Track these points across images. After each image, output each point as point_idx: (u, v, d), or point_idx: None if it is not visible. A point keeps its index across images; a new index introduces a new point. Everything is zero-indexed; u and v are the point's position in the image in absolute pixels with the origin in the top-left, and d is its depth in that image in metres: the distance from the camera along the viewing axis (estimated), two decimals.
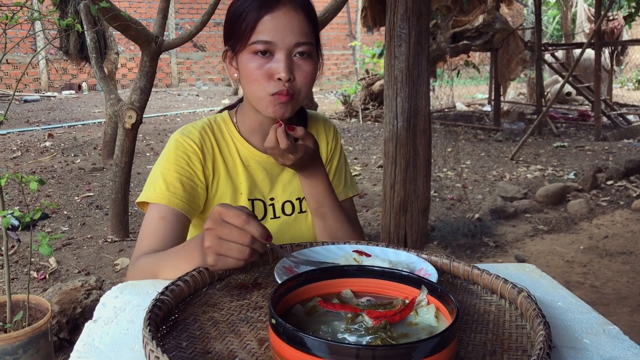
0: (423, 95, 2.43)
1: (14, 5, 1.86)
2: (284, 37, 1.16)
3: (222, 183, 1.31)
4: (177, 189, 1.22)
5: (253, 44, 1.17)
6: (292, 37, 1.17)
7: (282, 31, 1.16)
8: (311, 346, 0.64)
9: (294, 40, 1.17)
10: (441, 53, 8.60)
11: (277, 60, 1.17)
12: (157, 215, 1.19)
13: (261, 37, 1.16)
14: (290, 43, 1.17)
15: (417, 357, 0.64)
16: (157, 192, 1.21)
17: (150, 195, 1.22)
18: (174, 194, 1.21)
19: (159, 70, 15.29)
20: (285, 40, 1.16)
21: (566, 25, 15.54)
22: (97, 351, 0.80)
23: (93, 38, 3.95)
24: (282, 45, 1.16)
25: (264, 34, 1.16)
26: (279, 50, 1.17)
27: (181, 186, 1.23)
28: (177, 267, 1.01)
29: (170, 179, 1.23)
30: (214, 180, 1.31)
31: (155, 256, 1.11)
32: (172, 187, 1.22)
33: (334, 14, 4.86)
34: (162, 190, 1.21)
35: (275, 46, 1.16)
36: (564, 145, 7.85)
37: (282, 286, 0.77)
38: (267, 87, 1.18)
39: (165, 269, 1.05)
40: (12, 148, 7.39)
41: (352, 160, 7.07)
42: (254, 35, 1.16)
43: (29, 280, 2.24)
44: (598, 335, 0.86)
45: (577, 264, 3.80)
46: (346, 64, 18.42)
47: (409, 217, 2.52)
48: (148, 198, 1.22)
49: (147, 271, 1.09)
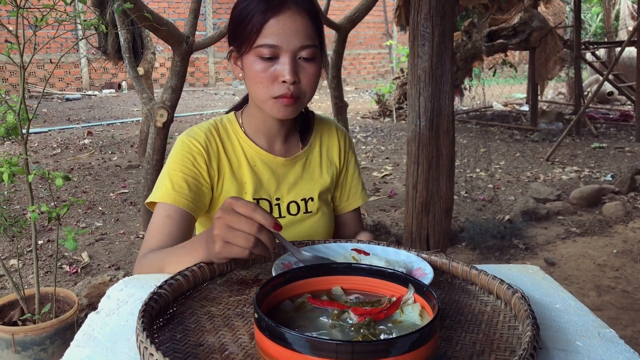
0: (446, 95, 2.41)
1: (43, 7, 1.93)
2: (289, 40, 1.18)
3: (227, 183, 1.34)
4: (183, 189, 1.25)
5: (258, 47, 1.19)
6: (297, 40, 1.19)
7: (287, 34, 1.18)
8: (291, 341, 0.65)
9: (299, 43, 1.19)
10: (477, 52, 8.50)
11: (282, 63, 1.19)
12: (164, 214, 1.23)
13: (266, 41, 1.18)
14: (295, 46, 1.19)
15: (396, 353, 0.65)
16: (164, 191, 1.25)
17: (157, 195, 1.25)
18: (179, 193, 1.24)
19: (197, 69, 15.59)
20: (290, 43, 1.18)
21: (608, 22, 15.14)
22: (95, 341, 0.83)
23: (127, 38, 4.04)
24: (287, 48, 1.18)
25: (270, 38, 1.18)
26: (283, 53, 1.19)
27: (187, 185, 1.26)
28: (181, 261, 1.04)
29: (176, 179, 1.26)
30: (219, 180, 1.34)
31: (161, 252, 1.14)
32: (177, 187, 1.25)
33: (365, 13, 4.86)
34: (168, 190, 1.25)
35: (280, 49, 1.18)
36: (602, 146, 7.66)
37: (270, 282, 0.79)
38: (272, 89, 1.21)
39: (170, 263, 1.08)
40: (53, 145, 7.62)
41: (383, 159, 7.05)
42: (260, 39, 1.18)
43: (56, 273, 2.31)
44: (592, 339, 0.85)
45: (609, 267, 3.71)
46: (382, 62, 18.36)
47: (431, 217, 2.51)
48: (155, 198, 1.26)
49: (152, 266, 1.12)
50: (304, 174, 1.42)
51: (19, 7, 1.83)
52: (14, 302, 2.38)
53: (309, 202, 1.41)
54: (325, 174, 1.45)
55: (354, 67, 17.61)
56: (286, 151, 1.41)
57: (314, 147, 1.45)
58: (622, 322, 2.96)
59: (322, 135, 1.47)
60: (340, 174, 1.50)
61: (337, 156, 1.48)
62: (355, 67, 17.67)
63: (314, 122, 1.48)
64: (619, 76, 9.81)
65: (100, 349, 0.81)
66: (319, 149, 1.46)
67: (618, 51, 7.78)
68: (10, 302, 2.38)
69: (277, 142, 1.39)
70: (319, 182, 1.44)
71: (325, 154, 1.47)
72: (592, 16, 18.01)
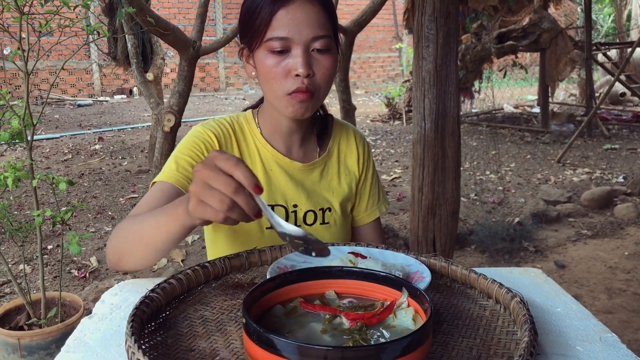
0: (451, 97, 2.39)
1: (47, 12, 1.94)
2: (300, 31, 1.11)
3: None
4: (187, 172, 1.18)
5: (269, 41, 1.12)
6: (308, 31, 1.11)
7: (298, 25, 1.11)
8: (280, 347, 0.64)
9: (311, 34, 1.12)
10: (486, 54, 8.45)
11: (294, 56, 1.12)
12: (158, 189, 1.15)
13: (276, 34, 1.11)
14: (307, 37, 1.11)
15: (387, 358, 0.63)
16: (166, 172, 1.18)
17: (159, 177, 1.19)
18: (181, 175, 1.17)
19: (207, 75, 15.65)
20: (302, 34, 1.11)
21: (620, 23, 15.02)
22: (86, 346, 0.82)
23: (134, 43, 4.06)
24: (299, 40, 1.11)
25: (280, 30, 1.11)
26: (295, 46, 1.12)
27: (189, 167, 1.19)
28: (158, 222, 0.95)
29: (182, 162, 1.19)
30: None
31: (140, 216, 1.02)
32: (181, 169, 1.18)
33: (372, 16, 4.85)
34: (171, 171, 1.18)
35: (291, 42, 1.11)
36: (614, 147, 7.58)
37: (260, 286, 0.77)
38: (285, 84, 1.14)
39: (148, 226, 0.97)
40: (64, 151, 7.66)
41: (392, 162, 7.03)
42: (269, 32, 1.11)
43: (61, 276, 2.31)
44: (593, 343, 0.83)
45: (621, 270, 3.66)
46: (392, 66, 18.34)
47: (437, 220, 2.49)
48: (156, 179, 1.19)
49: (129, 230, 1.02)
50: (321, 181, 1.35)
51: (22, 13, 1.84)
52: (20, 306, 2.39)
53: (327, 212, 1.33)
54: (344, 183, 1.38)
55: (364, 70, 17.60)
56: (304, 156, 1.33)
57: (332, 153, 1.38)
58: (634, 325, 2.92)
59: (340, 141, 1.39)
60: (358, 183, 1.42)
61: (355, 165, 1.40)
62: (365, 71, 17.65)
63: (333, 126, 1.40)
64: (631, 77, 9.71)
65: (91, 354, 0.80)
66: (337, 156, 1.38)
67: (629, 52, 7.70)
68: (16, 307, 2.39)
69: (294, 146, 1.32)
70: (338, 191, 1.36)
71: (343, 161, 1.39)
72: (605, 17, 17.88)
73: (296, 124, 1.27)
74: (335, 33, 1.19)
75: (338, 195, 1.36)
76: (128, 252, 1.02)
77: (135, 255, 1.01)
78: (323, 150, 1.36)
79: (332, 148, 1.38)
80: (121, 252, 1.03)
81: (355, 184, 1.40)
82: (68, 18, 1.94)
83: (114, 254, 1.04)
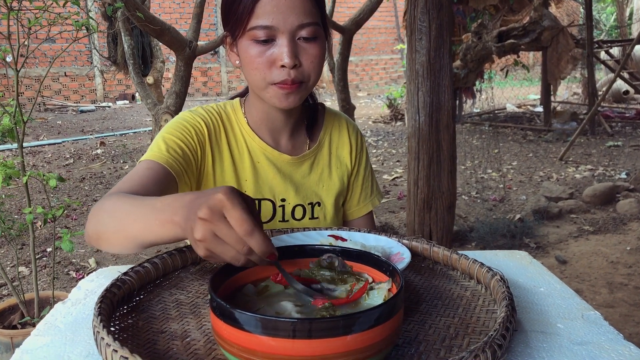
0: (445, 90, 2.37)
1: (35, 8, 1.93)
2: (285, 19, 1.05)
3: (227, 175, 1.23)
4: (177, 154, 1.13)
5: (252, 30, 1.06)
6: (294, 18, 1.05)
7: (283, 13, 1.04)
8: (242, 321, 0.62)
9: (297, 21, 1.05)
10: (487, 53, 8.42)
11: (279, 45, 1.06)
12: (145, 167, 1.08)
13: (260, 22, 1.05)
14: (292, 25, 1.05)
15: (357, 330, 0.61)
16: (154, 151, 1.12)
17: (145, 155, 1.12)
18: (171, 156, 1.11)
19: (209, 79, 15.67)
20: (287, 22, 1.05)
21: (622, 20, 14.97)
22: (56, 330, 0.81)
23: (130, 45, 4.05)
24: (284, 28, 1.05)
25: (263, 18, 1.04)
26: (280, 35, 1.06)
27: (180, 150, 1.14)
28: (148, 224, 0.83)
29: (171, 144, 1.14)
30: (215, 168, 1.22)
31: (126, 200, 0.91)
32: (172, 150, 1.12)
33: (369, 15, 4.83)
34: (160, 151, 1.11)
35: (276, 30, 1.05)
36: (617, 144, 7.54)
37: (229, 264, 0.75)
38: (270, 75, 1.08)
39: (134, 221, 0.86)
40: (66, 156, 7.67)
41: (394, 162, 7.00)
42: (253, 20, 1.05)
43: (53, 277, 2.31)
44: (574, 320, 0.81)
45: (622, 265, 3.62)
46: (394, 68, 18.31)
47: (433, 213, 2.47)
48: (143, 158, 1.12)
49: (113, 214, 0.91)
50: (311, 175, 1.29)
51: (10, 9, 1.83)
52: (14, 306, 2.38)
53: (316, 207, 1.28)
54: (335, 176, 1.32)
55: (366, 73, 17.59)
56: (293, 148, 1.28)
57: (323, 145, 1.32)
58: (635, 319, 2.88)
59: (332, 131, 1.34)
60: (350, 176, 1.36)
61: (347, 156, 1.34)
62: (367, 73, 17.64)
63: (324, 115, 1.35)
64: (634, 74, 9.66)
65: (60, 337, 0.78)
66: (328, 147, 1.33)
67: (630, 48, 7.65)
68: (10, 307, 2.38)
69: (282, 138, 1.26)
70: (328, 184, 1.31)
71: (335, 152, 1.33)
72: (607, 16, 17.84)
73: (284, 114, 1.22)
74: (324, 19, 1.14)
75: (329, 189, 1.31)
76: (109, 239, 0.92)
77: (115, 244, 0.92)
78: (313, 142, 1.31)
79: (323, 139, 1.32)
80: (101, 233, 0.93)
81: (348, 177, 1.35)
82: (57, 14, 1.93)
83: (94, 232, 0.94)
